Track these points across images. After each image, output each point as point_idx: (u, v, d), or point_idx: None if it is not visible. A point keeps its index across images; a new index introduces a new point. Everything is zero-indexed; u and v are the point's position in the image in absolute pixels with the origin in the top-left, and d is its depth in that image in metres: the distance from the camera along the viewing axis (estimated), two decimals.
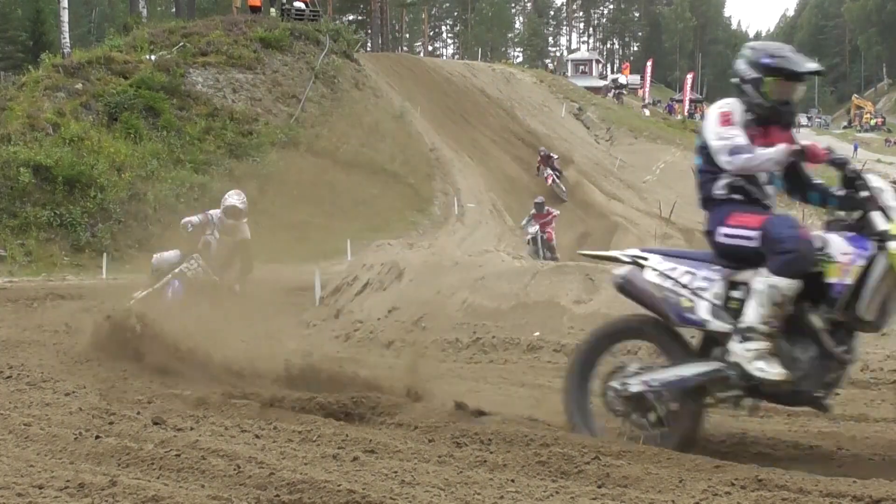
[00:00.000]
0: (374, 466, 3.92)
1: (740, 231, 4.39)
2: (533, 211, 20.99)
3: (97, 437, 4.46)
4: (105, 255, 19.91)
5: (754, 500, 3.45)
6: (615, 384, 4.60)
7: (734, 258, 4.43)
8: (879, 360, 6.35)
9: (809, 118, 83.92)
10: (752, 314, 4.26)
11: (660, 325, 4.65)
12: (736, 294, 4.40)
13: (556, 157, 31.51)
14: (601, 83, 62.87)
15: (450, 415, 5.04)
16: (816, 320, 4.22)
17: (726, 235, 4.45)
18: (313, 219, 25.40)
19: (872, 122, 75.42)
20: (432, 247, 14.79)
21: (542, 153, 31.38)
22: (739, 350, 4.28)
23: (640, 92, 62.22)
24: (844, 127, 77.75)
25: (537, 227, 20.56)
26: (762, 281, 4.23)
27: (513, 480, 3.76)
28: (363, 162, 28.26)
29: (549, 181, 30.18)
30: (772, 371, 4.21)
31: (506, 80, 42.43)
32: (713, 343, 4.49)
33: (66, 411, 5.29)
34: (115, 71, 26.91)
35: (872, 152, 57.96)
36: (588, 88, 50.02)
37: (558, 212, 22.69)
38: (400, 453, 4.24)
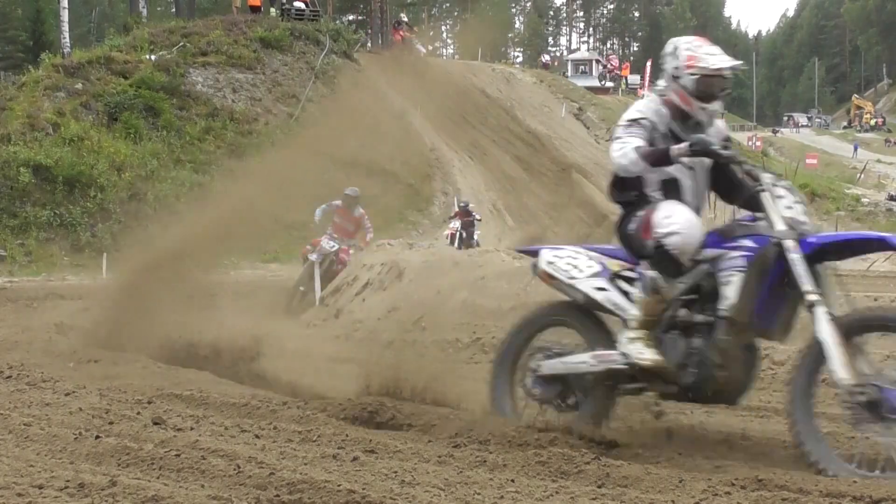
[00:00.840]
0: (374, 466, 3.93)
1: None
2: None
3: (97, 437, 4.46)
4: (105, 255, 19.91)
5: (754, 500, 3.45)
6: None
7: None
8: (879, 360, 6.34)
9: (809, 118, 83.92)
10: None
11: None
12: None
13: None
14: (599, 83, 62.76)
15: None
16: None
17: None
18: (313, 219, 25.41)
19: (872, 123, 75.39)
20: (432, 247, 14.81)
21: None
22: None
23: (641, 92, 62.18)
24: (844, 127, 77.73)
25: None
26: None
27: (512, 480, 3.76)
28: (363, 162, 28.26)
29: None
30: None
31: (506, 80, 42.41)
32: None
33: (66, 411, 5.29)
34: (115, 71, 26.92)
35: (872, 152, 57.96)
36: (588, 88, 49.96)
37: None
38: (400, 453, 4.24)
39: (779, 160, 47.16)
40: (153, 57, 27.90)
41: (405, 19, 35.77)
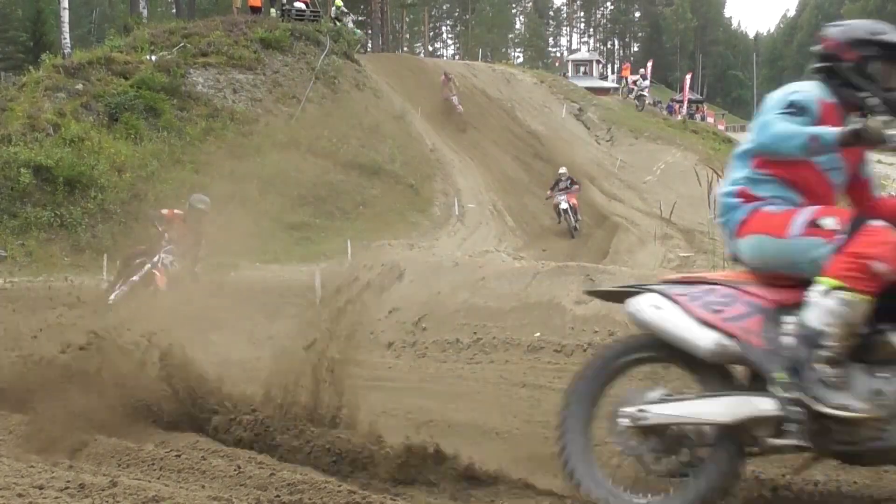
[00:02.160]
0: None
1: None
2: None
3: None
4: (106, 255, 19.92)
5: (754, 500, 3.44)
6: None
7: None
8: None
9: None
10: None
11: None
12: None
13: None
14: (600, 83, 62.84)
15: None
16: None
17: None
18: (314, 219, 25.44)
19: None
20: (433, 247, 14.80)
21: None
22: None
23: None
24: None
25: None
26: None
27: None
28: (363, 162, 28.27)
29: None
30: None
31: (506, 80, 42.41)
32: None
33: None
34: (116, 71, 26.91)
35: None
36: (589, 89, 49.97)
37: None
38: None
39: None
40: (153, 57, 27.90)
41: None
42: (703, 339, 3.50)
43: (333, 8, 38.09)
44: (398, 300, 9.83)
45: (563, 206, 25.20)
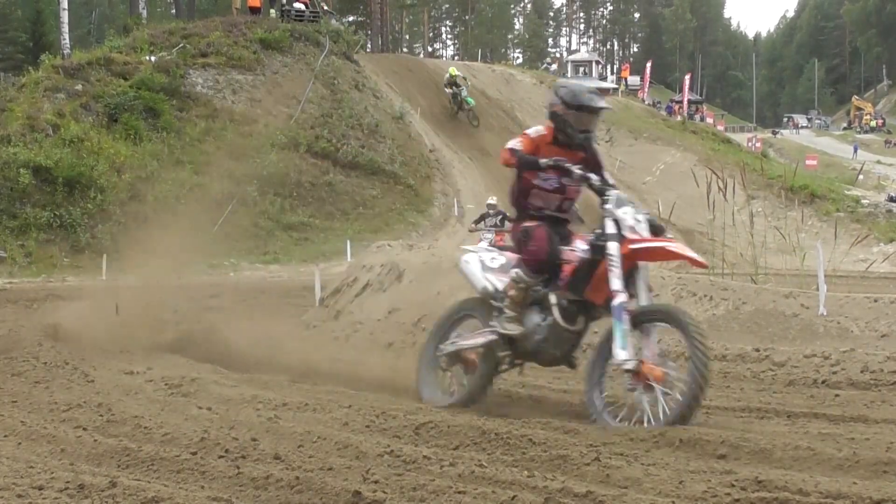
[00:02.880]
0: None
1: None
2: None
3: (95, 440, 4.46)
4: (105, 256, 19.92)
5: (754, 501, 3.45)
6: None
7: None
8: (879, 361, 6.35)
9: (809, 119, 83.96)
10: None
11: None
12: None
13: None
14: (599, 84, 62.76)
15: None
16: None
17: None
18: (313, 220, 25.46)
19: (872, 124, 75.43)
20: (432, 248, 14.78)
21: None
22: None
23: (640, 93, 62.25)
24: (844, 128, 77.77)
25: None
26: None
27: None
28: (363, 163, 28.28)
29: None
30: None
31: (505, 81, 42.45)
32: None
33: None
34: (115, 72, 26.93)
35: (872, 153, 57.94)
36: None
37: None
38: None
39: (778, 161, 47.13)
40: (153, 58, 27.91)
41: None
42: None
43: None
44: (398, 301, 9.81)
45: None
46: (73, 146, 23.28)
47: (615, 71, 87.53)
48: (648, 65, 64.84)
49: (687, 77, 62.51)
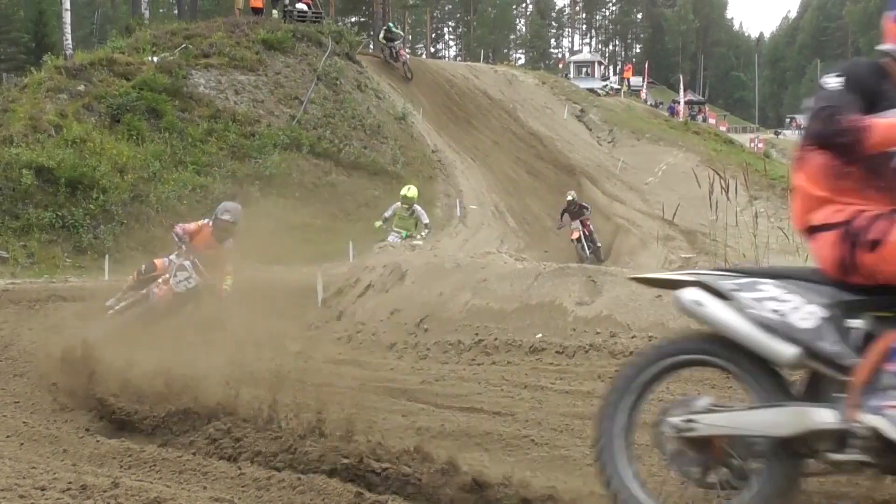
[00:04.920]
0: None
1: None
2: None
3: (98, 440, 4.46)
4: (107, 256, 19.94)
5: None
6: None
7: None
8: None
9: None
10: None
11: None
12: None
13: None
14: (600, 83, 62.75)
15: None
16: None
17: None
18: (315, 220, 25.42)
19: None
20: (434, 248, 14.79)
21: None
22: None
23: (641, 94, 62.30)
24: None
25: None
26: None
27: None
28: (365, 164, 28.28)
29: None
30: None
31: (508, 81, 42.42)
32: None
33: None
34: (118, 73, 26.93)
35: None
36: (590, 90, 49.97)
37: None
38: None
39: (781, 162, 47.09)
40: (155, 59, 27.91)
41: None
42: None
43: None
44: (400, 301, 9.82)
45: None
46: (76, 147, 23.28)
47: (618, 72, 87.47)
48: (646, 65, 64.86)
49: (681, 77, 62.50)
